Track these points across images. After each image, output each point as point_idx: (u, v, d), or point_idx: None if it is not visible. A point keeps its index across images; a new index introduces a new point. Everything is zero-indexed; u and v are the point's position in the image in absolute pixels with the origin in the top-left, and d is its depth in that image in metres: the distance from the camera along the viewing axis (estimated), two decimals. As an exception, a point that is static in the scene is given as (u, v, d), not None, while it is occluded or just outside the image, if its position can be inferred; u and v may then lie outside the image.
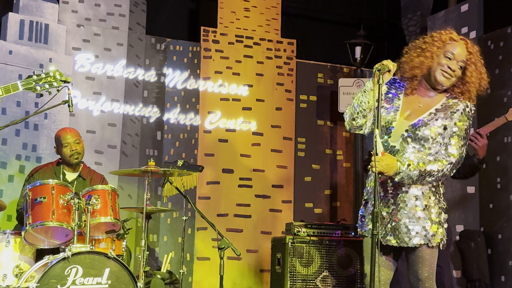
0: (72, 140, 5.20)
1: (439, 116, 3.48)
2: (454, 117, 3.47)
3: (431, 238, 3.45)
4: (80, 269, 4.21)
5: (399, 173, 3.36)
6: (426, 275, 3.51)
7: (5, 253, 4.50)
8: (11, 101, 6.17)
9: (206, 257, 6.80)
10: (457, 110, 3.48)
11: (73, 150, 5.19)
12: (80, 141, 5.29)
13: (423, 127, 3.45)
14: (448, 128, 3.46)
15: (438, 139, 3.45)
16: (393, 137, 3.50)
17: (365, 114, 3.53)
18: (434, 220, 3.46)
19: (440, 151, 3.45)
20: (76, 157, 5.23)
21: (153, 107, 7.01)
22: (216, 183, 7.04)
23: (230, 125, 7.20)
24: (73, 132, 5.27)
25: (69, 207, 4.51)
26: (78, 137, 5.26)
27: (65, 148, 5.20)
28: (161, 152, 7.01)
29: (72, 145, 5.19)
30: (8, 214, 5.93)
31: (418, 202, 3.47)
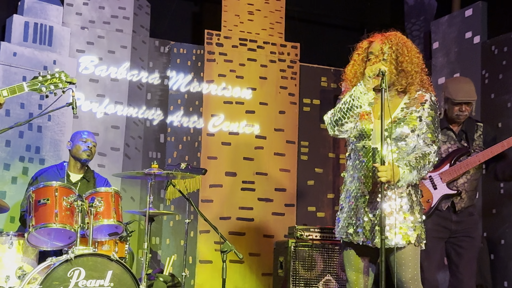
0: (90, 139, 5.35)
1: (411, 109, 3.53)
2: (425, 107, 3.53)
3: (416, 238, 3.46)
4: (82, 271, 4.21)
5: (402, 178, 3.39)
6: (410, 276, 3.50)
7: (8, 254, 4.50)
8: (15, 103, 6.18)
9: (208, 260, 6.79)
10: (426, 101, 3.55)
11: (89, 147, 5.27)
12: (95, 145, 5.42)
13: (400, 123, 3.49)
14: (423, 119, 3.53)
15: (416, 132, 3.51)
16: (374, 139, 3.52)
17: (356, 118, 3.55)
18: (417, 219, 3.49)
19: (418, 143, 3.52)
20: (88, 153, 5.29)
21: (157, 109, 7.02)
22: (219, 186, 7.04)
23: (233, 128, 7.20)
24: (93, 137, 5.43)
25: (72, 209, 4.51)
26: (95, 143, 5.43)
27: (82, 142, 5.28)
28: (164, 154, 7.01)
29: (89, 141, 5.30)
30: (11, 215, 5.93)
31: (403, 202, 3.49)
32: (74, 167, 5.36)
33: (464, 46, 6.94)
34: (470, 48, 6.87)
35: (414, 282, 3.52)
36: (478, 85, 6.55)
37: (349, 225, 3.57)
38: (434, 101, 3.58)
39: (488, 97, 6.53)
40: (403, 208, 3.49)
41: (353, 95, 3.51)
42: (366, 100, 3.48)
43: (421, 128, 3.52)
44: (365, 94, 3.49)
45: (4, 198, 5.92)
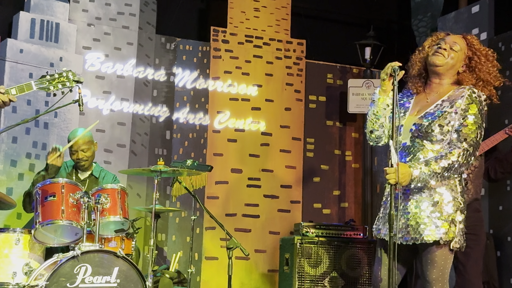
0: (79, 148, 5.20)
1: (444, 106, 3.48)
2: (458, 102, 3.45)
3: (442, 236, 3.39)
4: (89, 267, 4.23)
5: (414, 179, 3.35)
6: (434, 277, 3.44)
7: (14, 251, 4.52)
8: (22, 99, 6.20)
9: (214, 256, 6.81)
10: (462, 96, 3.47)
11: (79, 158, 5.21)
12: (90, 147, 5.25)
13: (428, 119, 3.46)
14: (453, 114, 3.44)
15: (445, 129, 3.44)
16: (403, 135, 3.52)
17: (380, 124, 3.58)
18: (445, 217, 3.41)
19: (452, 141, 3.43)
20: (83, 164, 5.26)
21: (163, 106, 7.03)
22: (224, 183, 7.05)
23: (239, 125, 7.21)
24: (82, 140, 5.21)
25: (78, 206, 4.53)
26: (87, 145, 5.23)
27: (72, 155, 5.23)
28: (170, 151, 7.03)
29: (78, 153, 5.20)
30: (18, 212, 5.96)
31: (429, 198, 3.43)
32: None
33: (471, 43, 6.91)
34: (477, 44, 6.84)
35: (439, 283, 3.45)
36: (485, 82, 6.52)
37: (385, 222, 3.56)
38: (475, 96, 3.46)
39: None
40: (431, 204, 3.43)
41: (373, 100, 3.54)
42: (382, 104, 3.51)
43: (453, 124, 3.45)
44: (380, 99, 3.51)
45: (10, 194, 5.94)
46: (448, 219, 3.41)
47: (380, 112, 3.56)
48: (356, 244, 5.75)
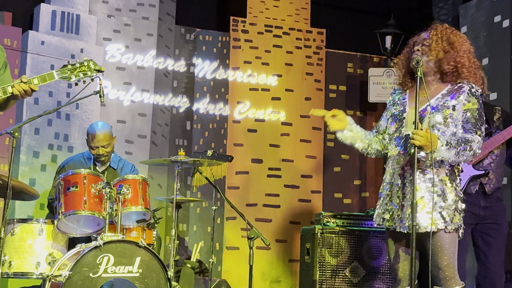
0: (99, 144, 5.20)
1: (447, 99, 3.56)
2: (461, 97, 3.55)
3: (447, 224, 3.47)
4: (111, 257, 4.26)
5: (438, 151, 3.41)
6: (446, 263, 3.51)
7: (38, 241, 4.56)
8: (43, 91, 6.25)
9: (235, 246, 6.83)
10: (463, 92, 3.56)
11: (99, 154, 5.23)
12: (110, 142, 5.25)
13: (433, 112, 3.52)
14: (457, 108, 3.54)
15: (449, 121, 3.53)
16: (406, 126, 3.60)
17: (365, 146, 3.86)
18: (450, 206, 3.49)
19: (458, 132, 3.53)
20: (103, 159, 5.27)
21: (183, 97, 7.04)
22: (245, 173, 7.06)
23: (259, 115, 7.20)
24: (103, 135, 5.21)
25: (100, 197, 4.56)
26: (107, 141, 5.22)
27: (92, 150, 5.24)
28: (191, 142, 7.04)
29: (99, 149, 5.22)
30: (41, 202, 6.02)
31: (432, 188, 3.48)
32: None
33: (493, 31, 6.84)
34: (499, 32, 6.77)
35: (450, 269, 3.52)
36: (507, 70, 6.46)
37: (385, 211, 3.65)
38: (474, 91, 3.58)
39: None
40: (436, 193, 3.48)
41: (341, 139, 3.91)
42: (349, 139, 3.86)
43: (456, 118, 3.54)
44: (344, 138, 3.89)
45: (33, 185, 6.00)
46: (451, 207, 3.49)
47: (355, 142, 3.85)
48: (377, 234, 5.72)
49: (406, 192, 3.53)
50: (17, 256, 4.49)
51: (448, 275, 3.52)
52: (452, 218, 3.48)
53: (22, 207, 6.02)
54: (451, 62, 3.60)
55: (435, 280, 3.54)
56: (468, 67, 3.62)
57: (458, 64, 3.60)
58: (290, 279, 7.00)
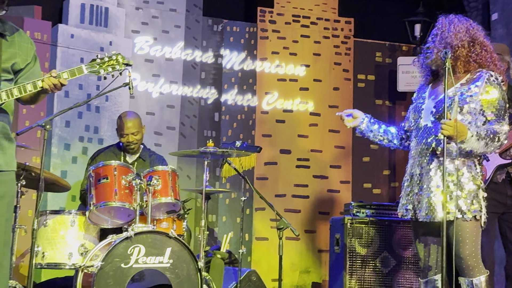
0: (129, 131, 5.27)
1: (463, 89, 3.56)
2: (479, 86, 3.54)
3: (464, 213, 3.47)
4: (142, 248, 4.30)
5: (467, 141, 3.43)
6: (467, 252, 3.50)
7: (70, 232, 4.63)
8: (74, 84, 6.31)
9: (264, 237, 6.84)
10: (482, 80, 3.55)
11: (129, 141, 5.28)
12: (140, 130, 5.33)
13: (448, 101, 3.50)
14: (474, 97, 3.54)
15: (464, 109, 3.53)
16: (424, 117, 3.65)
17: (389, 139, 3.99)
18: (467, 195, 3.48)
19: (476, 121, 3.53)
20: (132, 147, 5.32)
21: (211, 88, 7.05)
22: (273, 164, 7.06)
23: (287, 105, 7.19)
24: (132, 123, 5.29)
25: (130, 188, 4.60)
26: (136, 128, 5.30)
27: (122, 138, 5.31)
28: (219, 133, 7.06)
29: (129, 136, 5.28)
30: (73, 194, 6.09)
31: (451, 177, 3.49)
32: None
33: (525, 17, 6.73)
34: (531, 18, 6.65)
35: (473, 258, 3.51)
36: (540, 57, 6.34)
37: (407, 202, 3.70)
38: (493, 80, 3.56)
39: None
40: (452, 182, 3.49)
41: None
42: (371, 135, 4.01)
43: (475, 107, 3.54)
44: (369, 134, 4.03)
45: (65, 177, 6.08)
46: (469, 196, 3.49)
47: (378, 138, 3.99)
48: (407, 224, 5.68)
49: (424, 181, 3.57)
50: (50, 247, 4.57)
51: (471, 264, 3.50)
52: (469, 207, 3.48)
53: (54, 199, 6.10)
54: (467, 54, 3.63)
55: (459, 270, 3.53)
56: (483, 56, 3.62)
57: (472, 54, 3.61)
58: (320, 269, 7.00)
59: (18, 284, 4.40)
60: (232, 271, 5.63)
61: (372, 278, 5.63)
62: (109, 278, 4.17)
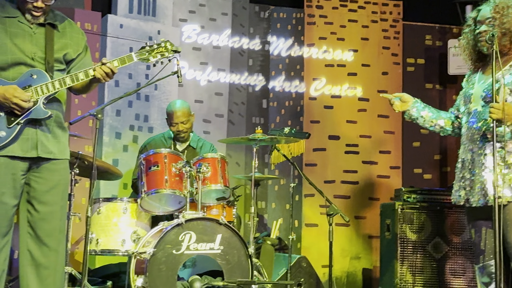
0: (179, 120, 5.35)
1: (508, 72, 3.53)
2: None
3: None
4: (193, 235, 4.35)
5: None
6: None
7: (123, 219, 4.72)
8: (123, 73, 6.39)
9: (314, 223, 6.83)
10: None
11: (179, 130, 5.33)
12: (189, 119, 5.39)
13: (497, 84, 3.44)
14: None
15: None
16: (474, 102, 3.63)
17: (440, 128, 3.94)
18: None
19: None
20: (182, 135, 5.38)
21: (258, 75, 7.05)
22: (322, 150, 7.03)
23: (335, 91, 7.13)
24: (181, 112, 5.37)
25: (181, 175, 4.65)
26: (186, 117, 5.38)
27: (172, 126, 5.37)
28: (267, 120, 7.06)
29: (178, 125, 5.34)
30: (124, 182, 6.18)
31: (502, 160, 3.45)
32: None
33: None
34: None
35: None
36: None
37: (459, 187, 3.67)
38: None
39: None
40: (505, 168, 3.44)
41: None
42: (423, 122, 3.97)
43: None
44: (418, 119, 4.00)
45: (116, 165, 6.16)
46: None
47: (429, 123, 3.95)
48: (460, 209, 5.59)
49: (475, 166, 3.54)
50: (104, 234, 4.66)
51: None
52: None
53: (107, 187, 6.20)
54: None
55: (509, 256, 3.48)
56: None
57: None
58: (370, 255, 6.96)
59: (73, 270, 4.50)
60: (282, 258, 5.64)
61: (424, 264, 5.56)
62: (161, 264, 4.24)
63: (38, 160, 3.35)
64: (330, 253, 4.78)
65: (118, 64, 3.45)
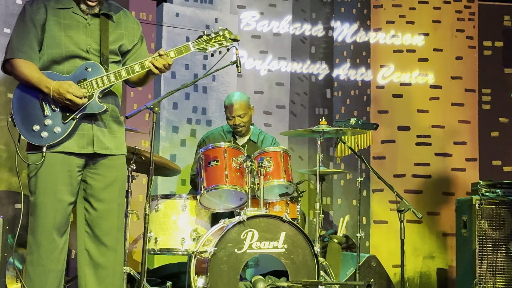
0: (236, 113, 5.35)
1: None
2: None
3: None
4: (256, 233, 4.35)
5: None
6: None
7: (182, 217, 4.75)
8: (180, 64, 6.45)
9: (383, 220, 6.76)
10: None
11: (236, 124, 5.34)
12: (247, 112, 5.39)
13: None
14: None
15: None
16: None
17: None
18: None
19: None
20: (239, 130, 5.39)
21: (321, 63, 7.00)
22: (391, 142, 6.94)
23: (404, 78, 7.03)
24: (239, 104, 5.37)
25: (241, 170, 4.66)
26: (244, 110, 5.38)
27: (229, 120, 5.39)
28: (332, 110, 7.01)
29: (236, 119, 5.35)
30: (182, 178, 6.25)
31: None
32: None
33: None
34: None
35: None
36: None
37: None
38: None
39: None
40: None
41: None
42: None
43: None
44: None
45: (174, 161, 6.24)
46: None
47: None
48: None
49: None
50: (162, 233, 4.71)
51: None
52: None
53: (164, 183, 6.28)
54: None
55: None
56: None
57: None
58: (445, 254, 6.84)
59: (132, 270, 4.57)
60: (350, 257, 5.60)
61: (505, 264, 5.45)
62: (223, 264, 4.26)
63: (94, 156, 3.41)
64: (402, 252, 4.71)
65: (175, 55, 3.47)
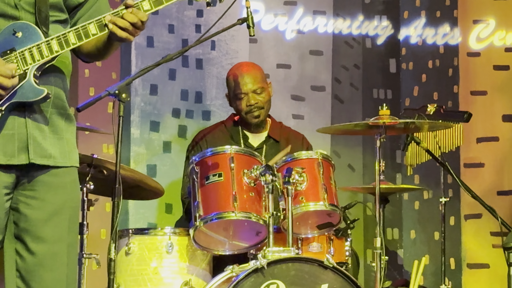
0: (249, 88, 5.39)
1: None
2: None
3: None
4: (282, 286, 4.36)
5: None
6: None
7: (166, 263, 4.77)
8: (159, 25, 6.46)
9: (483, 263, 6.77)
10: None
11: (251, 104, 5.36)
12: (265, 87, 5.45)
13: None
14: None
15: None
16: None
17: None
18: None
19: None
20: (257, 114, 5.40)
21: (381, 19, 7.01)
22: (493, 140, 6.95)
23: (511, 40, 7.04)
24: (253, 74, 5.45)
25: (258, 189, 4.67)
26: (260, 83, 5.44)
27: (240, 100, 5.39)
28: (398, 92, 7.02)
29: (249, 96, 5.36)
30: (167, 202, 6.26)
31: None
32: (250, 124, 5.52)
33: None
34: None
35: None
36: None
37: None
38: None
39: None
40: None
41: None
42: None
43: None
44: None
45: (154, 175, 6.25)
46: None
47: None
48: None
49: None
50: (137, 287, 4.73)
51: None
52: None
53: (139, 211, 6.31)
54: None
55: None
56: None
57: None
58: None
59: None
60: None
61: None
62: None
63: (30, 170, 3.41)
64: (512, 312, 4.74)
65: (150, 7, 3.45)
